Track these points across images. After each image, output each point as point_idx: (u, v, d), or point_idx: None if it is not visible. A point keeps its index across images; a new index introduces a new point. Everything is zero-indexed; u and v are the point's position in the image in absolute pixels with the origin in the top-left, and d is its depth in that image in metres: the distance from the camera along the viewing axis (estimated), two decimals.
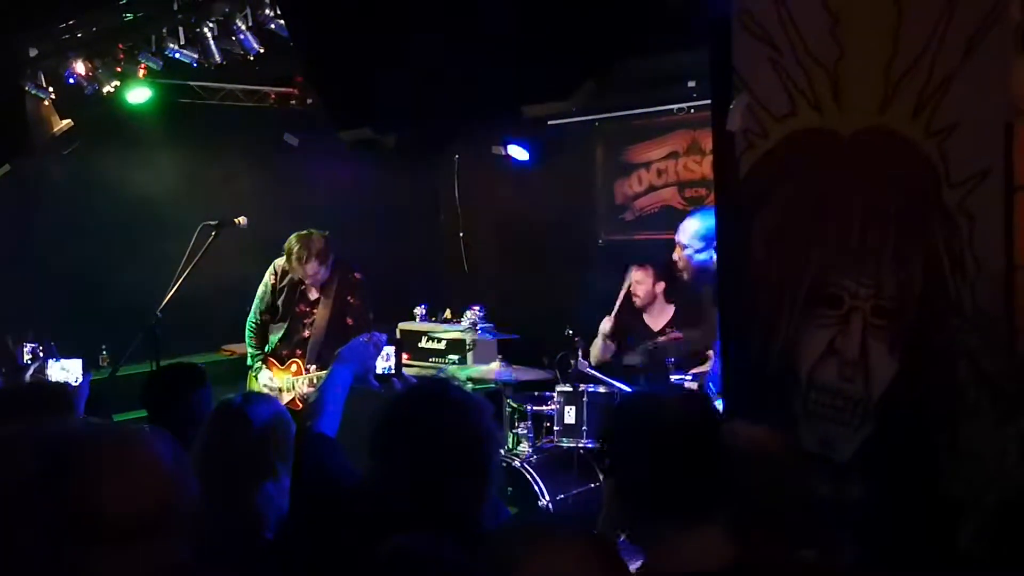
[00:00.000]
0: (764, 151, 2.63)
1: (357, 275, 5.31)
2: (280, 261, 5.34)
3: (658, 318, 5.51)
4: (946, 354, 2.24)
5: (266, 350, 5.32)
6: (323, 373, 4.99)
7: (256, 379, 5.30)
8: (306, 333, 5.23)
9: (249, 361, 5.37)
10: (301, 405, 5.08)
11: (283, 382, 5.19)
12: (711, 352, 4.83)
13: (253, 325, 5.35)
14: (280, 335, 5.28)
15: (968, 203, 2.23)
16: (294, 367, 5.21)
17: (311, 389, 5.05)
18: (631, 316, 5.46)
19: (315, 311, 5.22)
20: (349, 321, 5.23)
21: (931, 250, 2.30)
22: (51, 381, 3.80)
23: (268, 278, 5.35)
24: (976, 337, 2.17)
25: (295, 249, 5.10)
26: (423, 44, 2.79)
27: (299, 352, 5.23)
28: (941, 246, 2.28)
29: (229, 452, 2.40)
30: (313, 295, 5.27)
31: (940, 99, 2.26)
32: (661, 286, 5.53)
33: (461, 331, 6.23)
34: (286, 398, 5.13)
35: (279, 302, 5.30)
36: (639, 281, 5.51)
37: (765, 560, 1.78)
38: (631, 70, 5.75)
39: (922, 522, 2.24)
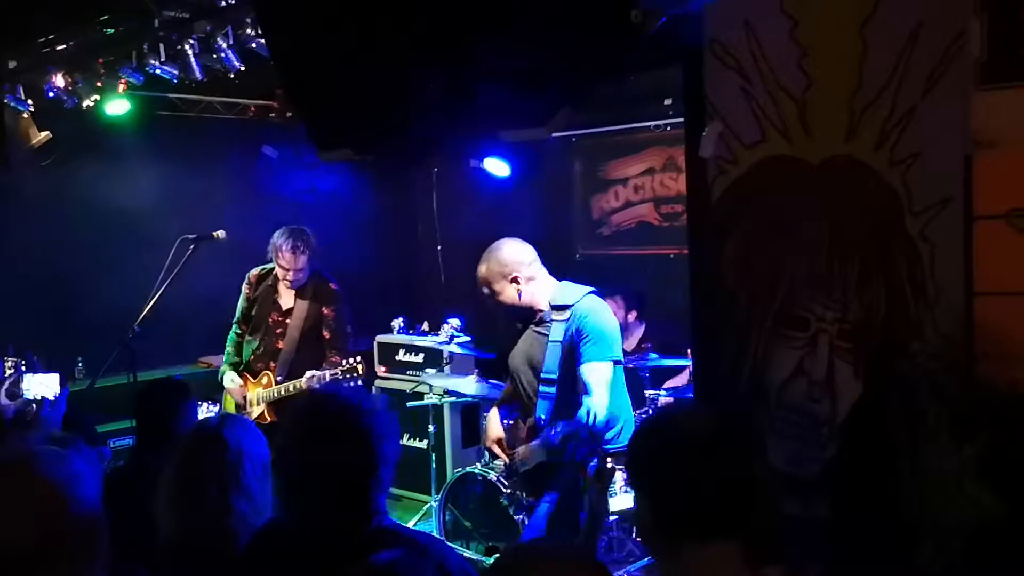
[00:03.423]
0: (735, 177, 2.70)
1: (333, 286, 5.27)
2: (255, 271, 5.31)
3: (632, 340, 5.62)
4: (908, 377, 2.31)
5: (243, 363, 5.30)
6: (291, 384, 5.00)
7: (222, 381, 5.28)
8: (279, 344, 5.15)
9: (222, 367, 5.36)
10: (270, 419, 5.06)
11: (253, 395, 5.16)
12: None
13: (235, 336, 5.34)
14: (254, 347, 5.24)
15: (929, 231, 2.31)
16: (265, 379, 5.16)
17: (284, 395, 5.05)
18: None
19: (288, 321, 5.18)
20: (325, 334, 5.18)
21: (894, 276, 2.37)
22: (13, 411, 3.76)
23: (244, 289, 5.32)
24: (936, 361, 2.24)
25: (283, 238, 5.05)
26: (401, 71, 2.84)
27: (272, 364, 5.18)
28: (904, 272, 2.36)
29: (204, 472, 2.44)
30: (286, 304, 5.20)
31: (902, 130, 2.34)
32: (633, 314, 5.65)
33: (439, 344, 6.26)
34: (256, 412, 5.09)
35: (253, 312, 5.27)
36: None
37: None
38: (608, 88, 5.81)
39: (884, 541, 2.30)
